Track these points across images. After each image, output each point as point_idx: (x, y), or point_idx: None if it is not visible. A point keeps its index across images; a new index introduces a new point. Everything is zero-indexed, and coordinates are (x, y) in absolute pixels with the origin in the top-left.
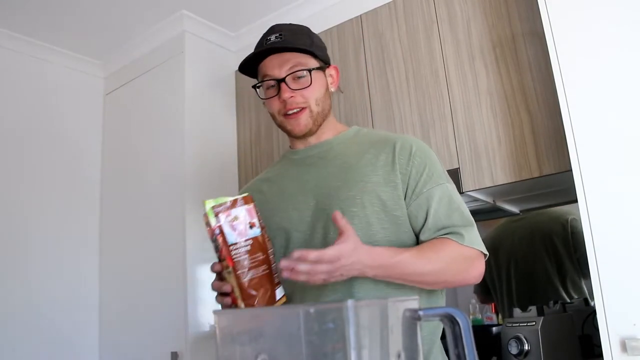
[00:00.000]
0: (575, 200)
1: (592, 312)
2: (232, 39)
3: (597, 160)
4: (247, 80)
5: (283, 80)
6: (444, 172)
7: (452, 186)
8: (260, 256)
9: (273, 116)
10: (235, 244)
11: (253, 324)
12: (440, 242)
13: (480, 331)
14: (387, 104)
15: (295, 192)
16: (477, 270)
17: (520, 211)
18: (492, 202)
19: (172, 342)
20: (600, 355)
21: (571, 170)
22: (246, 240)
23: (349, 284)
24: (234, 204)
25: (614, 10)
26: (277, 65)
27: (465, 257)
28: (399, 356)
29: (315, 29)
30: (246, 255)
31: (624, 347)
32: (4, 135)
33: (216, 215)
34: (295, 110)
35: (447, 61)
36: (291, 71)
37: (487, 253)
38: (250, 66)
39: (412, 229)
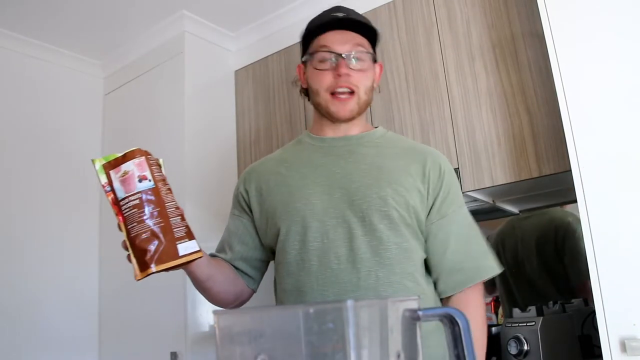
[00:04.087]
0: (575, 201)
1: (592, 312)
2: (232, 39)
3: (597, 161)
4: (246, 80)
5: (344, 56)
6: (461, 194)
7: (467, 210)
8: (152, 209)
9: (316, 92)
10: (125, 198)
11: (253, 324)
12: (463, 307)
13: None
14: (386, 104)
15: (320, 181)
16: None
17: (520, 211)
18: (491, 202)
19: (171, 342)
20: (600, 355)
21: (570, 170)
22: (135, 194)
23: (374, 286)
24: (123, 158)
25: (613, 11)
26: (339, 41)
27: (482, 303)
28: (398, 356)
29: None
30: (135, 210)
31: (623, 347)
32: (3, 135)
33: (106, 172)
34: (345, 90)
35: (446, 61)
36: (354, 49)
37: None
38: (304, 38)
39: (427, 243)
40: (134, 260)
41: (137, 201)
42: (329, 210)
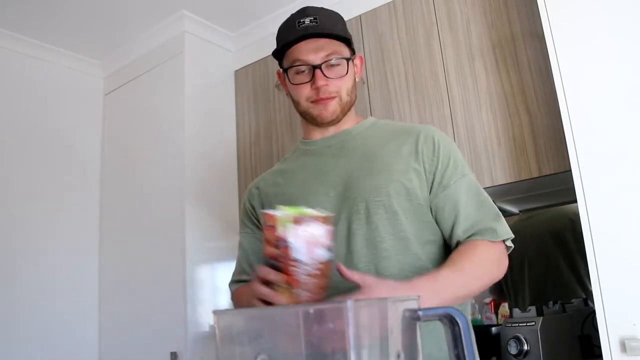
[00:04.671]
0: (575, 201)
1: (592, 312)
2: (232, 39)
3: (597, 160)
4: (246, 80)
5: (319, 67)
6: (466, 163)
7: (474, 176)
8: (323, 283)
9: (297, 103)
10: (305, 263)
11: (253, 324)
12: (470, 247)
13: (480, 331)
14: (386, 104)
15: (313, 182)
16: (503, 266)
17: (520, 211)
18: None
19: (171, 342)
20: (600, 355)
21: (570, 170)
22: (317, 263)
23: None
24: (313, 218)
25: (613, 10)
26: (312, 51)
27: (493, 257)
28: (398, 356)
29: None
30: (311, 279)
31: (623, 347)
32: (4, 135)
33: (294, 224)
34: (327, 97)
35: (446, 62)
36: (328, 59)
37: (512, 245)
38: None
39: (437, 220)
40: None
41: (317, 272)
42: (327, 211)
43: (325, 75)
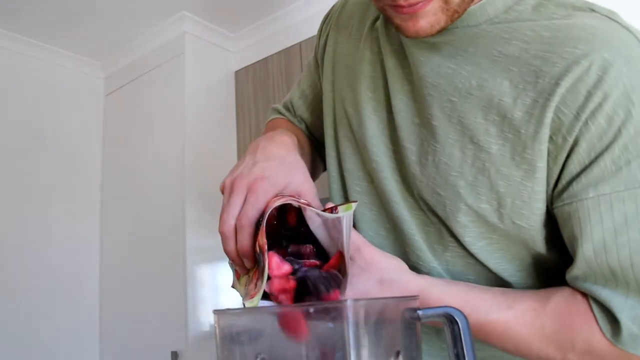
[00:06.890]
0: None
1: None
2: (232, 40)
3: None
4: (246, 81)
5: None
6: None
7: None
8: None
9: None
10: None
11: (253, 324)
12: (569, 300)
13: None
14: None
15: (376, 113)
16: None
17: None
18: None
19: (172, 342)
20: None
21: None
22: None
23: None
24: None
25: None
26: None
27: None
28: (398, 356)
29: (314, 30)
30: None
31: None
32: (5, 136)
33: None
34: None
35: None
36: None
37: None
38: None
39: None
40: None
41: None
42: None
43: None
